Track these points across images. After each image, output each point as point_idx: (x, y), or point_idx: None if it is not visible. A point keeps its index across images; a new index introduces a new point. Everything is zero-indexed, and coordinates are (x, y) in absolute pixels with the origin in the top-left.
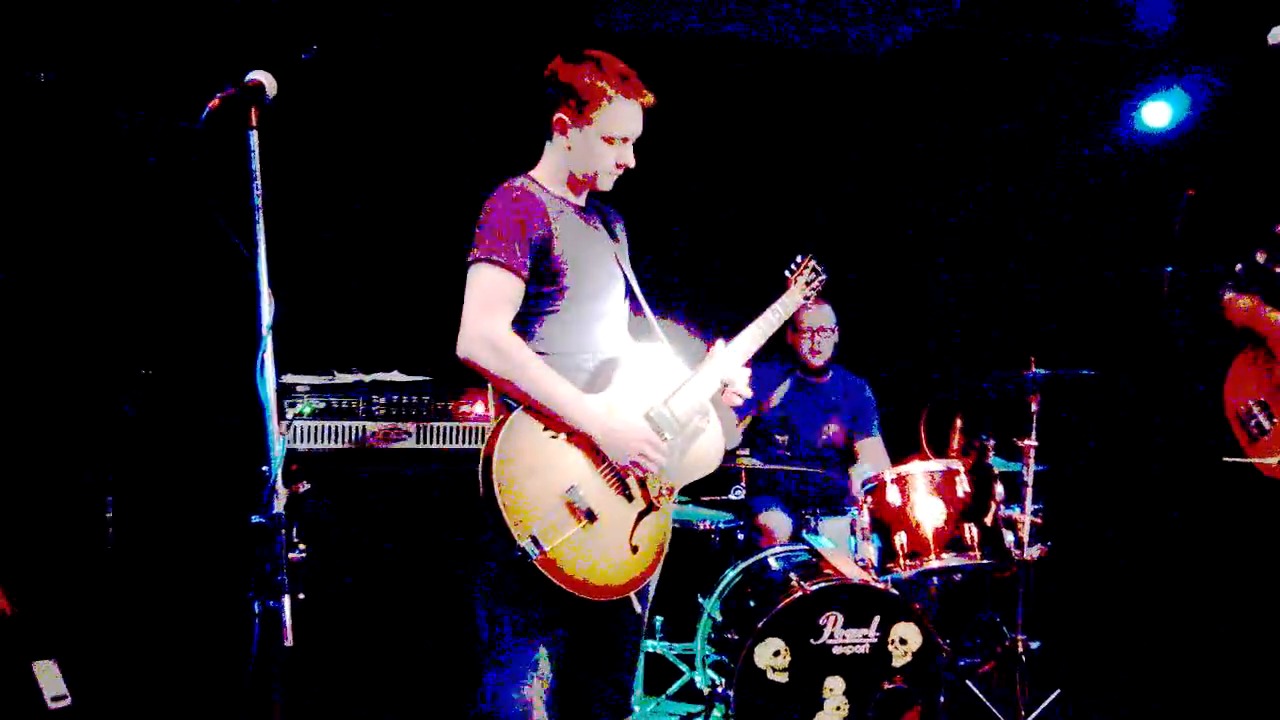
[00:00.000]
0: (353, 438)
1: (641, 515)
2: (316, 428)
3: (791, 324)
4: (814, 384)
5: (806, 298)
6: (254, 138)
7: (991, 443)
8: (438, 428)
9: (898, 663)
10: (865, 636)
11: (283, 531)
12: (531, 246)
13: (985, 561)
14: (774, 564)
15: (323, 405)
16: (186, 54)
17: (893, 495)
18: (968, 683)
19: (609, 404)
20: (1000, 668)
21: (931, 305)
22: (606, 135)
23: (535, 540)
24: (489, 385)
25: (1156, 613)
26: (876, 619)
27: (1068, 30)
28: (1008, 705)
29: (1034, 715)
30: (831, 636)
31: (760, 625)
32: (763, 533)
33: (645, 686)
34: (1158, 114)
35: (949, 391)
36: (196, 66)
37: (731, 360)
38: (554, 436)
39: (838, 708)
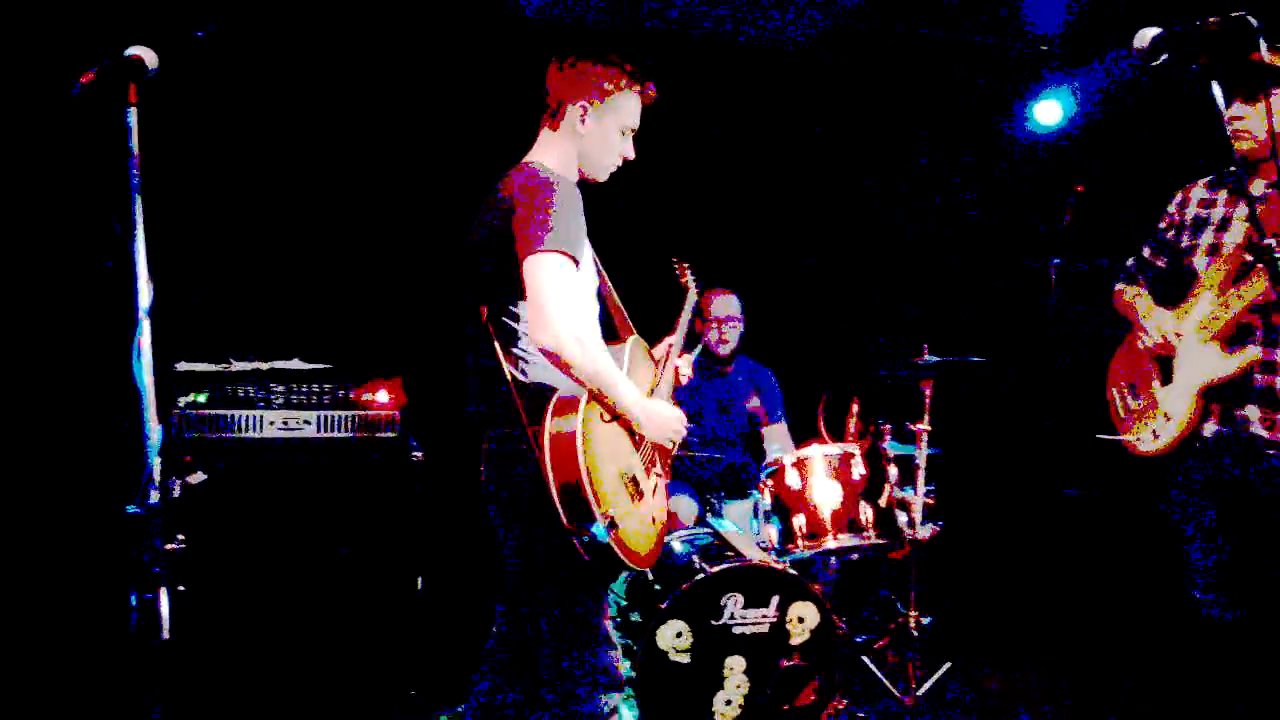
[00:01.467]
0: (250, 427)
1: (655, 490)
2: (212, 417)
3: (699, 314)
4: (721, 372)
5: (698, 291)
6: (133, 115)
7: (887, 427)
8: (339, 417)
9: (796, 641)
10: (765, 616)
11: (160, 522)
12: (584, 243)
13: (879, 541)
14: (678, 547)
15: (218, 394)
16: (75, 29)
17: (792, 479)
18: (863, 658)
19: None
20: (894, 643)
21: (831, 295)
22: (623, 127)
23: (613, 520)
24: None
25: (1041, 587)
26: (776, 599)
27: (963, 29)
28: (901, 678)
29: (926, 687)
30: (732, 617)
31: (663, 607)
32: (669, 517)
33: None
34: (1048, 112)
35: (847, 379)
36: (84, 43)
37: (679, 349)
38: (611, 421)
39: (738, 686)
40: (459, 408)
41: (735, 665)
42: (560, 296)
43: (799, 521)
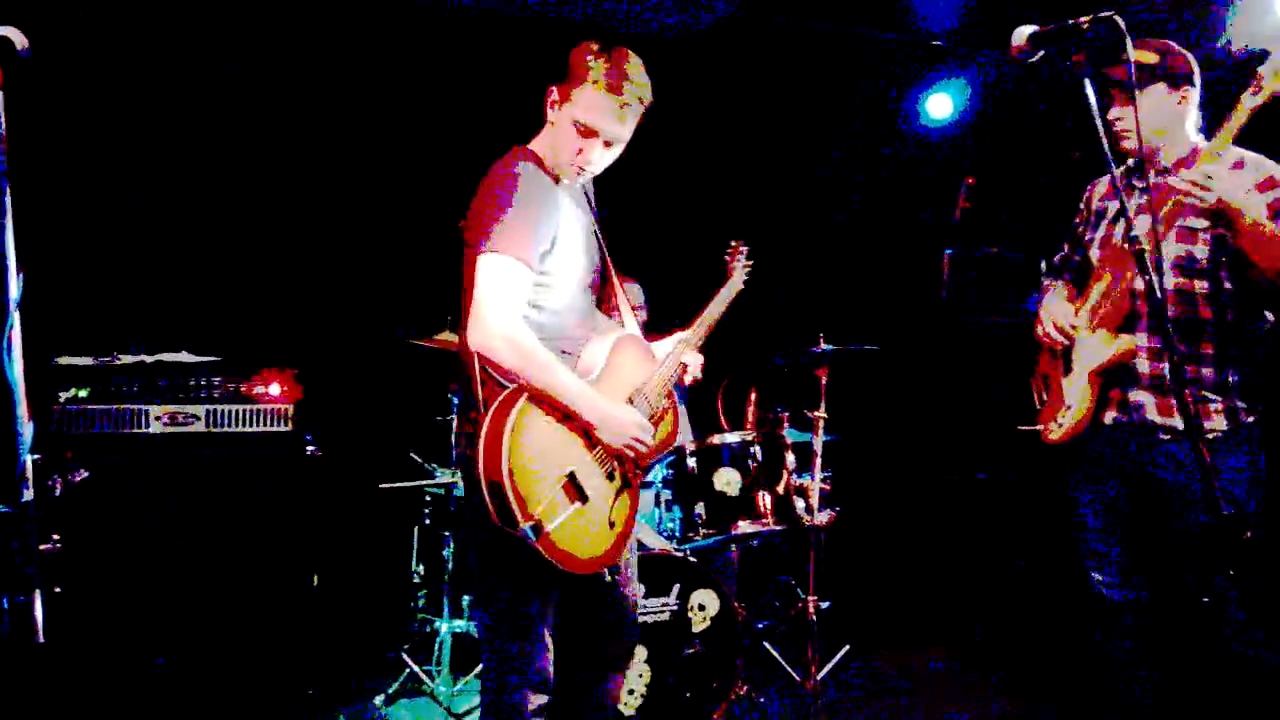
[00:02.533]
0: (135, 422)
1: (619, 493)
2: (95, 412)
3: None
4: None
5: (745, 281)
6: None
7: (785, 415)
8: (229, 411)
9: (697, 629)
10: (666, 605)
11: (34, 521)
12: (548, 242)
13: (778, 527)
14: None
15: (101, 389)
16: None
17: (693, 466)
18: (765, 644)
19: (600, 390)
20: (794, 628)
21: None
22: (578, 119)
23: (538, 522)
24: (288, 369)
25: (935, 569)
26: (676, 587)
27: (856, 23)
28: (801, 663)
29: (825, 671)
30: None
31: None
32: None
33: (452, 665)
34: (940, 106)
35: (745, 368)
36: None
37: (690, 345)
38: (555, 421)
39: (640, 675)
40: (358, 400)
41: (637, 655)
42: (494, 299)
43: (699, 509)
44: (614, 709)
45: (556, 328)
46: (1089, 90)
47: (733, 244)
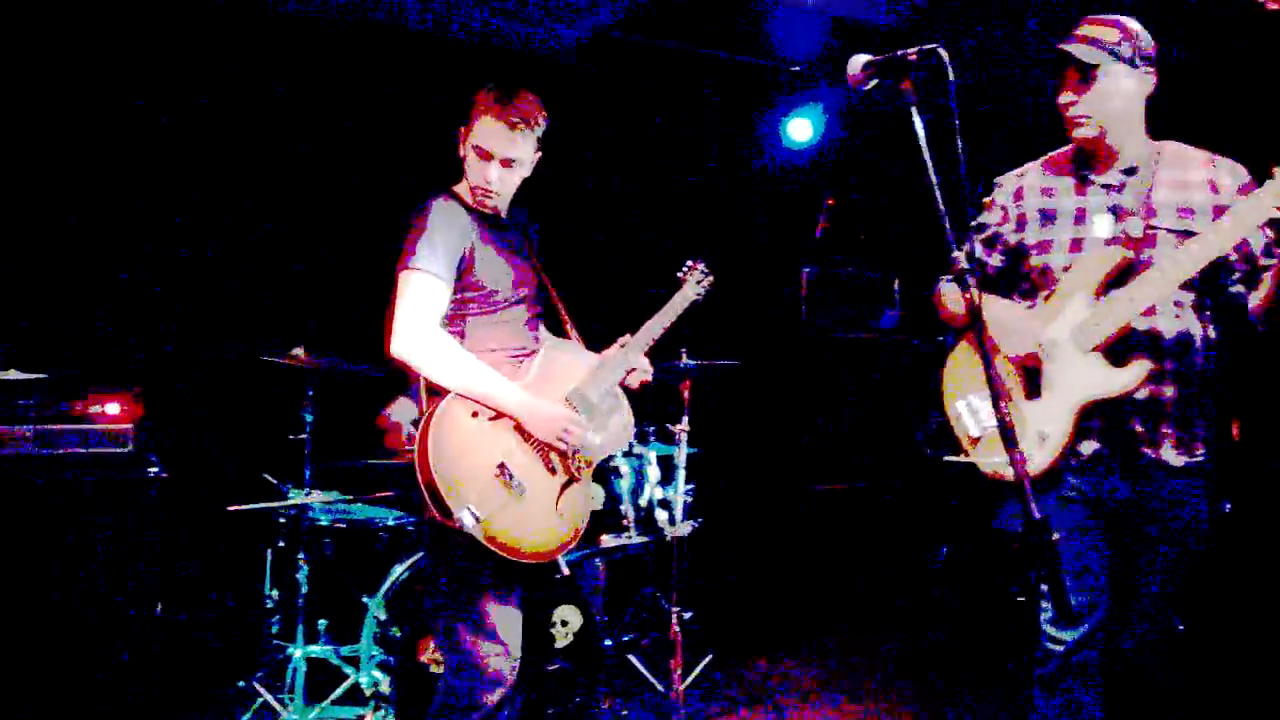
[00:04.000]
0: None
1: (564, 486)
2: None
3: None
4: None
5: (698, 295)
6: None
7: (650, 429)
8: (61, 431)
9: (560, 643)
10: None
11: None
12: (458, 258)
13: (641, 539)
14: None
15: None
16: None
17: None
18: (629, 656)
19: (532, 390)
20: (659, 639)
21: (589, 298)
22: (478, 145)
23: (471, 511)
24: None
25: (795, 578)
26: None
27: (722, 47)
28: (665, 674)
29: (688, 680)
30: None
31: (423, 619)
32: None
33: (307, 693)
34: (800, 129)
35: None
36: None
37: (635, 350)
38: (482, 420)
39: None
40: (207, 419)
41: None
42: (409, 310)
43: None
44: None
45: (487, 339)
46: (915, 119)
47: (689, 262)
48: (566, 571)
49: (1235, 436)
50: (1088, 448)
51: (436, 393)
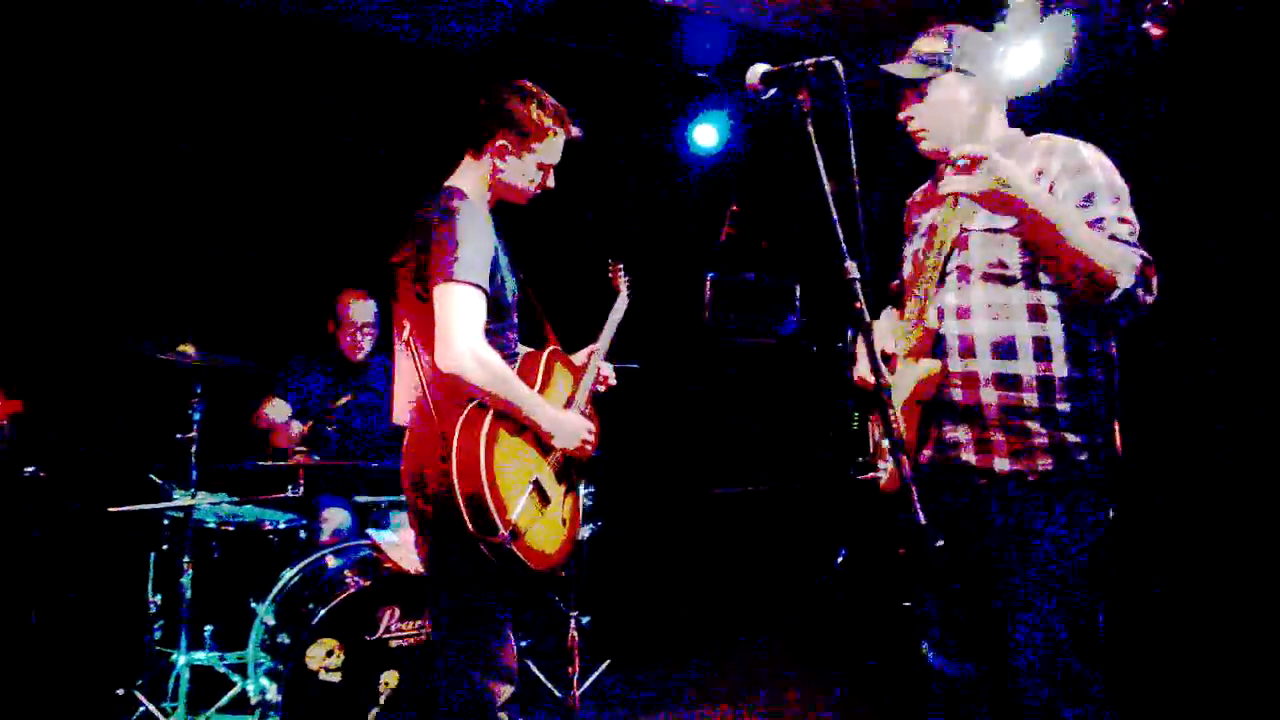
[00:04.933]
0: None
1: (567, 493)
2: None
3: (334, 318)
4: (359, 373)
5: (629, 295)
6: None
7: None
8: None
9: None
10: (421, 627)
11: None
12: (490, 265)
13: None
14: (333, 562)
15: None
16: None
17: None
18: (527, 661)
19: (545, 399)
20: (557, 644)
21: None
22: (542, 162)
23: (515, 528)
24: None
25: (695, 582)
26: None
27: (630, 51)
28: (563, 679)
29: (586, 686)
30: (388, 630)
31: (313, 625)
32: (325, 531)
33: (190, 701)
34: (706, 135)
35: None
36: None
37: (600, 356)
38: (515, 433)
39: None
40: (89, 418)
41: (389, 680)
42: (463, 323)
43: None
44: None
45: (502, 344)
46: (810, 129)
47: (611, 262)
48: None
49: (1117, 446)
50: (925, 455)
51: (453, 404)
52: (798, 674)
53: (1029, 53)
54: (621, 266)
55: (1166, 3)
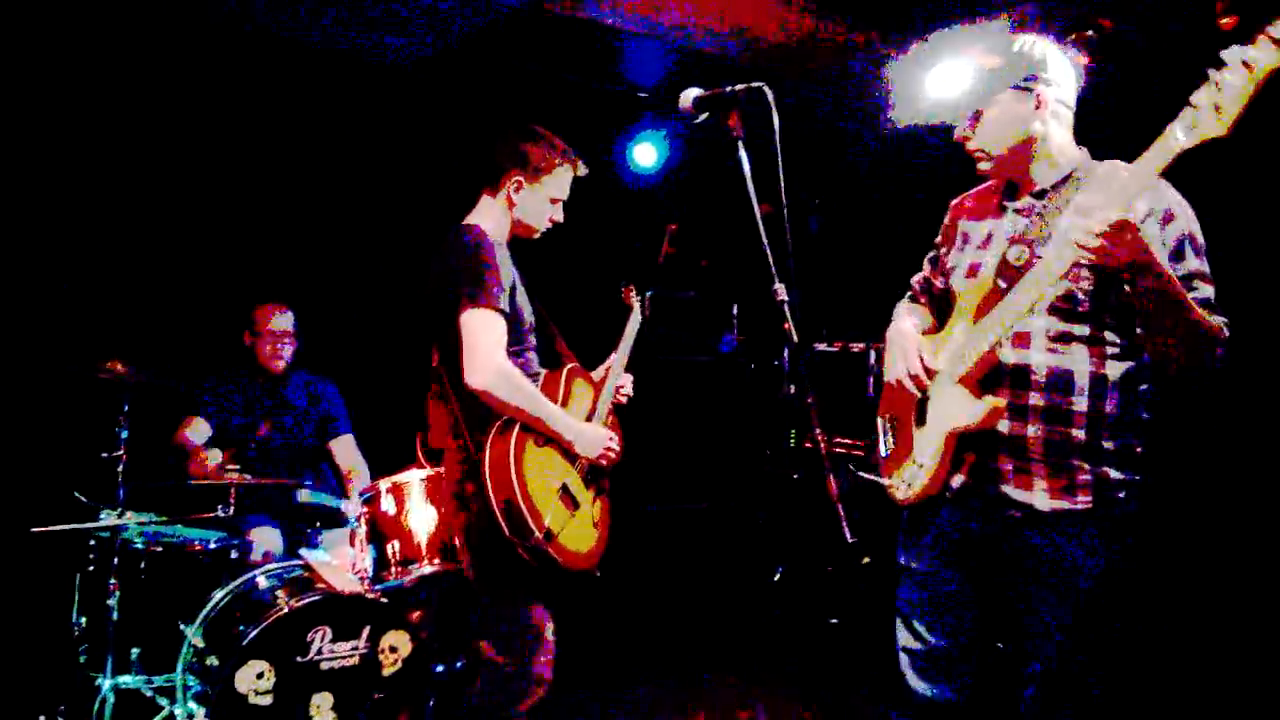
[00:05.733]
0: None
1: (595, 498)
2: None
3: (251, 329)
4: (277, 389)
5: (642, 312)
6: None
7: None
8: None
9: (388, 671)
10: (355, 648)
11: None
12: (509, 292)
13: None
14: (264, 582)
15: None
16: None
17: (388, 504)
18: (464, 683)
19: (569, 413)
20: None
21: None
22: (553, 196)
23: (550, 530)
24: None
25: (635, 600)
26: (367, 629)
27: (570, 70)
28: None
29: None
30: (320, 652)
31: (242, 647)
32: (256, 551)
33: None
34: (645, 155)
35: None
36: None
37: (618, 370)
38: (542, 444)
39: None
40: (11, 435)
41: (322, 703)
42: (489, 345)
43: (393, 548)
44: None
45: (522, 365)
46: (742, 154)
47: (624, 284)
48: (597, 574)
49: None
50: (957, 481)
51: (482, 421)
52: (734, 690)
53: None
54: (633, 287)
55: (1090, 33)
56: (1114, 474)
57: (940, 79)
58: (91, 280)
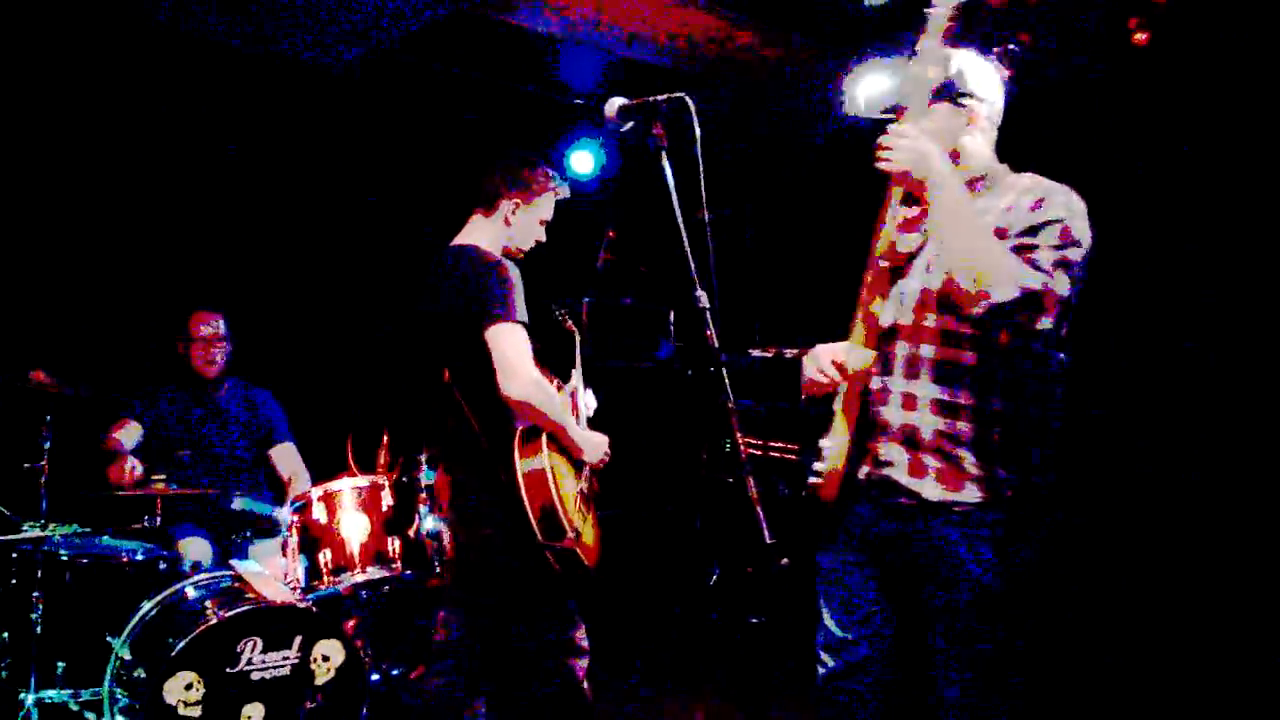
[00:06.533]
0: None
1: (590, 501)
2: None
3: (184, 337)
4: (210, 396)
5: (581, 320)
6: None
7: (422, 457)
8: None
9: (320, 681)
10: (286, 658)
11: None
12: None
13: (407, 572)
14: (192, 593)
15: None
16: None
17: (319, 513)
18: (399, 691)
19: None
20: (430, 671)
21: (361, 322)
22: (542, 218)
23: (578, 532)
24: None
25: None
26: (298, 639)
27: (508, 76)
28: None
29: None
30: (250, 662)
31: (170, 658)
32: (185, 561)
33: None
34: (583, 161)
35: (378, 408)
36: None
37: (580, 382)
38: (558, 451)
39: None
40: None
41: (253, 713)
42: (525, 357)
43: (325, 557)
44: None
45: None
46: (665, 163)
47: (559, 311)
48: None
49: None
50: (863, 472)
51: (503, 433)
52: (674, 692)
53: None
54: (566, 312)
55: (1013, 46)
56: (1001, 471)
57: (874, 89)
58: (14, 290)
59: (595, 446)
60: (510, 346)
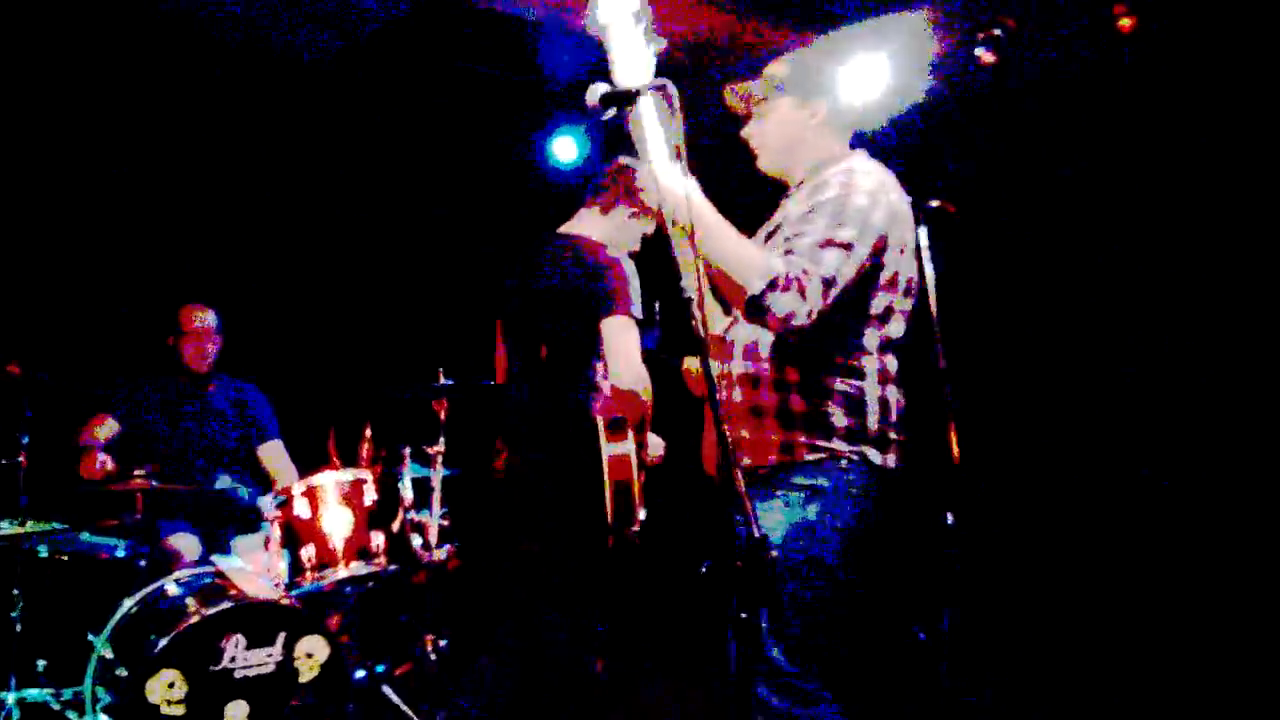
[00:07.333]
0: None
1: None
2: None
3: (175, 331)
4: (199, 392)
5: None
6: None
7: (406, 450)
8: None
9: (305, 678)
10: (270, 655)
11: None
12: None
13: (392, 567)
14: (174, 590)
15: None
16: None
17: (301, 508)
18: (384, 688)
19: None
20: (414, 669)
21: (342, 315)
22: (645, 230)
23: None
24: None
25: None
26: (282, 636)
27: (489, 63)
28: (421, 706)
29: (444, 711)
30: (233, 660)
31: (152, 656)
32: (169, 557)
33: None
34: (565, 149)
35: (361, 402)
36: None
37: None
38: (639, 445)
39: None
40: None
41: (237, 712)
42: (633, 349)
43: (308, 552)
44: None
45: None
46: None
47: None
48: None
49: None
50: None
51: (584, 418)
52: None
53: (875, 79)
54: None
55: (997, 31)
56: (842, 445)
57: (858, 81)
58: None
59: (657, 445)
60: (629, 339)
